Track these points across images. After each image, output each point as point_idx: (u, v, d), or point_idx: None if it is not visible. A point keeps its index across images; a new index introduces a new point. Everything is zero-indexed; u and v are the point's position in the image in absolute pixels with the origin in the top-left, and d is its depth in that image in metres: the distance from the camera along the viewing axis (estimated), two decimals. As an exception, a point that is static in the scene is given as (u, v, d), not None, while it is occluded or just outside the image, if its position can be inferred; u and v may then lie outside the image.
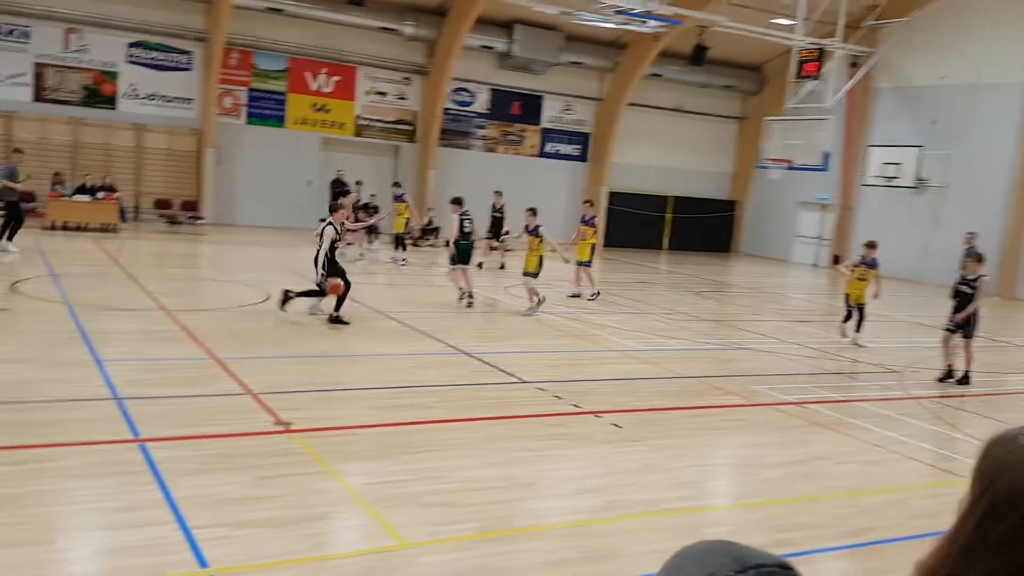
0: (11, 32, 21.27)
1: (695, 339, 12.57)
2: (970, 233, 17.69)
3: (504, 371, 9.30)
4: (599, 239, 17.29)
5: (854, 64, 25.00)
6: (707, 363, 11.00)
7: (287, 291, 11.44)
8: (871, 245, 12.86)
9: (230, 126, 23.88)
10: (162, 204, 22.98)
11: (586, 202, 17.15)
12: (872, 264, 12.69)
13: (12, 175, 15.68)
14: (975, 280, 10.56)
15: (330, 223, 11.61)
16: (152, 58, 22.95)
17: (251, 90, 24.17)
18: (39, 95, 21.84)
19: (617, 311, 14.57)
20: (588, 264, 15.70)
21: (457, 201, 14.26)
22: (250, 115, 24.26)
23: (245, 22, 23.11)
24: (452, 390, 8.43)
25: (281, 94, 24.59)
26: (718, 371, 10.47)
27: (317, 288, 11.37)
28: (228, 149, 23.78)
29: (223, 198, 23.68)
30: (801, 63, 21.43)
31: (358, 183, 21.56)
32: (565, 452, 6.78)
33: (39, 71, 21.77)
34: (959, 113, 23.74)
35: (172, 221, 22.63)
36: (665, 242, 30.21)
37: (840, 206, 27.34)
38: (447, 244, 14.81)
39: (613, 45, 27.46)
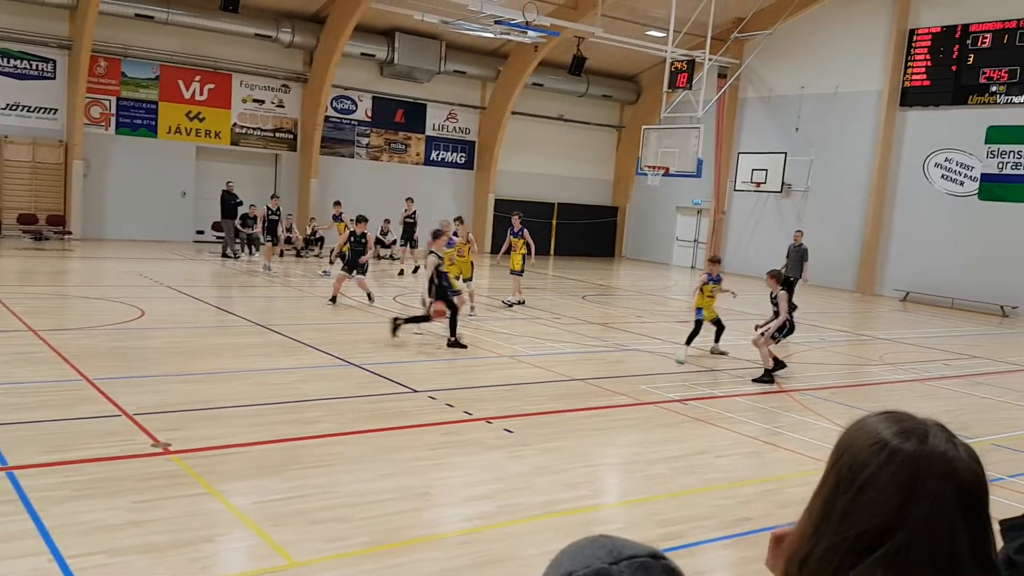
0: None
1: (582, 342, 12.84)
2: (798, 231, 18.79)
3: (394, 381, 9.24)
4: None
5: (723, 75, 26.18)
6: (595, 365, 11.26)
7: (396, 319, 11.47)
8: (715, 260, 12.78)
9: (99, 136, 22.77)
10: (26, 219, 21.67)
11: (514, 214, 17.30)
12: (718, 280, 12.58)
13: None
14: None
15: (432, 251, 11.58)
16: (13, 66, 21.64)
17: (120, 99, 23.13)
18: None
19: (505, 317, 14.72)
20: (520, 273, 16.33)
21: (362, 219, 15.02)
22: (120, 125, 23.21)
23: (112, 29, 22.11)
24: (339, 403, 8.31)
25: (153, 103, 23.62)
26: (606, 372, 10.73)
27: (424, 314, 11.41)
28: (97, 160, 22.66)
29: (92, 212, 22.55)
30: (673, 74, 22.25)
31: (274, 196, 21.03)
32: (457, 460, 6.81)
33: None
34: (820, 121, 25.23)
35: (38, 237, 21.37)
36: (551, 248, 30.71)
37: (714, 210, 28.52)
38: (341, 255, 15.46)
39: (495, 54, 27.76)
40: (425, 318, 11.53)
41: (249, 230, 22.07)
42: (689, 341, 11.98)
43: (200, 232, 24.56)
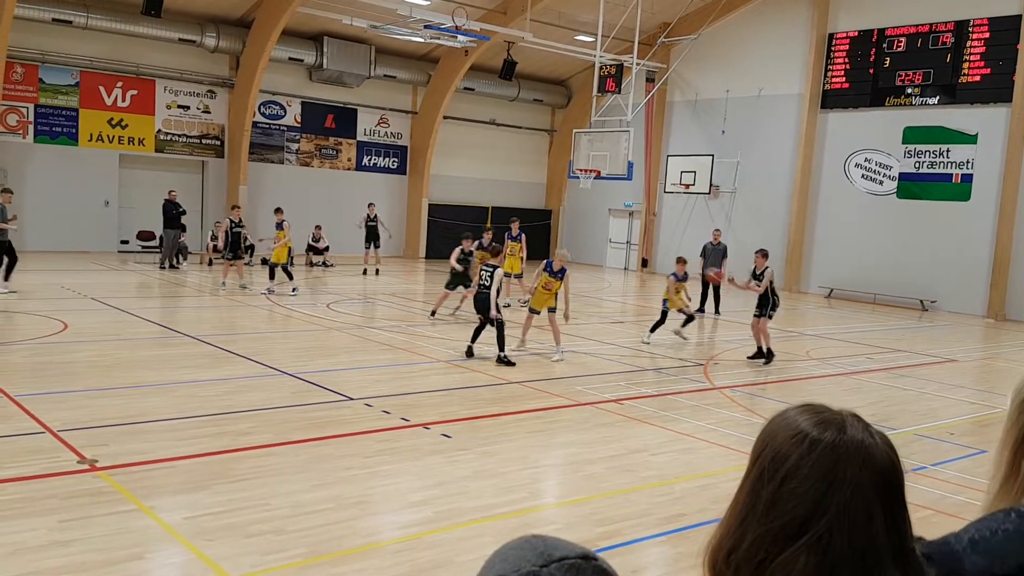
0: None
1: (518, 345, 12.87)
2: (716, 230, 19.62)
3: (328, 389, 9.13)
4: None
5: (651, 79, 26.62)
6: (531, 368, 11.31)
7: (470, 346, 11.65)
8: (681, 260, 14.10)
9: (15, 145, 21.95)
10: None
11: (512, 220, 18.16)
12: (684, 278, 13.93)
13: (3, 214, 15.10)
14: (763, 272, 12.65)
15: (497, 267, 11.72)
16: (-85, 70, 20.63)
17: (38, 106, 22.33)
18: None
19: (440, 322, 14.68)
20: (519, 276, 17.00)
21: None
22: (38, 133, 22.41)
23: (29, 34, 21.34)
24: (272, 413, 8.17)
25: (73, 110, 22.87)
26: (542, 375, 10.80)
27: (498, 328, 11.33)
28: (14, 170, 21.83)
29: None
30: (603, 78, 22.54)
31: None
32: (395, 467, 6.77)
33: None
34: (744, 124, 25.87)
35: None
36: (486, 252, 30.67)
37: (645, 212, 28.97)
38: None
39: (425, 59, 27.70)
40: (500, 332, 11.33)
41: (181, 240, 21.54)
42: (653, 329, 13.51)
43: (125, 242, 23.87)
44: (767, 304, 12.50)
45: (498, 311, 11.43)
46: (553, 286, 11.95)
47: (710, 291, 18.07)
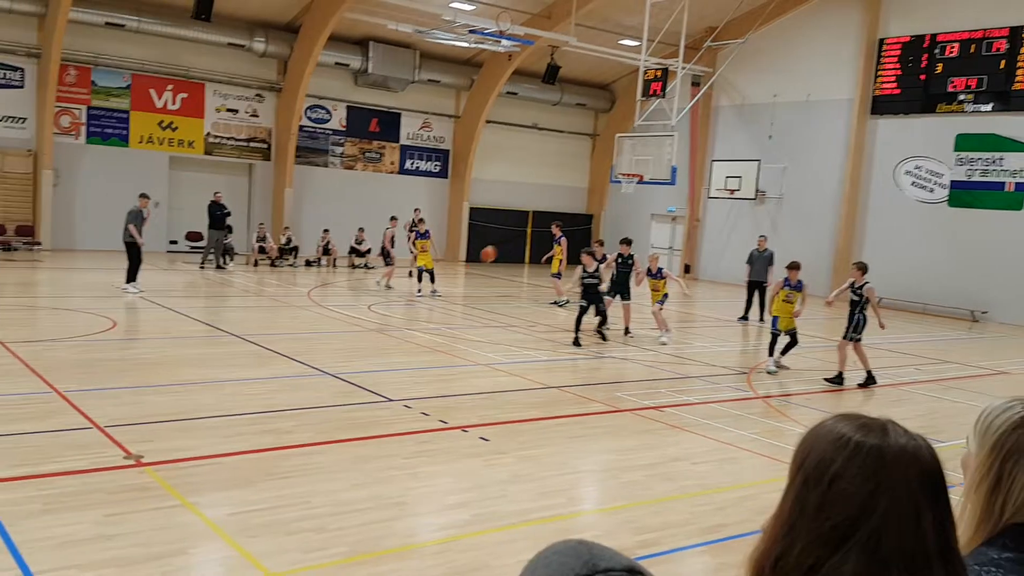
0: None
1: (558, 350, 12.84)
2: (762, 236, 19.14)
3: (369, 390, 9.19)
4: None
5: (696, 83, 26.40)
6: (571, 373, 11.27)
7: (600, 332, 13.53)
8: (793, 267, 12.40)
9: (69, 146, 22.51)
10: (-7, 229, 21.34)
11: (555, 224, 20.10)
12: (798, 287, 12.34)
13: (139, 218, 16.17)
14: (861, 287, 11.48)
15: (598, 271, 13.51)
16: (-22, 74, 21.33)
17: (91, 108, 22.88)
18: None
19: (480, 325, 14.70)
20: (558, 276, 18.59)
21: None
22: (90, 134, 22.96)
23: (83, 37, 21.88)
24: (314, 412, 8.25)
25: (124, 112, 23.39)
26: (582, 380, 10.75)
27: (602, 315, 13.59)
28: (67, 170, 22.39)
29: (62, 222, 22.25)
30: (647, 82, 22.39)
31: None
32: (434, 468, 6.78)
33: None
34: (792, 129, 25.51)
35: (6, 248, 21.05)
36: (526, 256, 30.73)
37: (689, 218, 28.72)
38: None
39: (469, 63, 27.80)
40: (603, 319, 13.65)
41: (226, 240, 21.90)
42: (771, 351, 12.26)
43: (173, 242, 24.32)
44: (856, 325, 11.34)
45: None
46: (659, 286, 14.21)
47: (755, 298, 17.81)
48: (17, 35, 21.45)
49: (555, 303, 18.09)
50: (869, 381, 11.47)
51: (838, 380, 11.45)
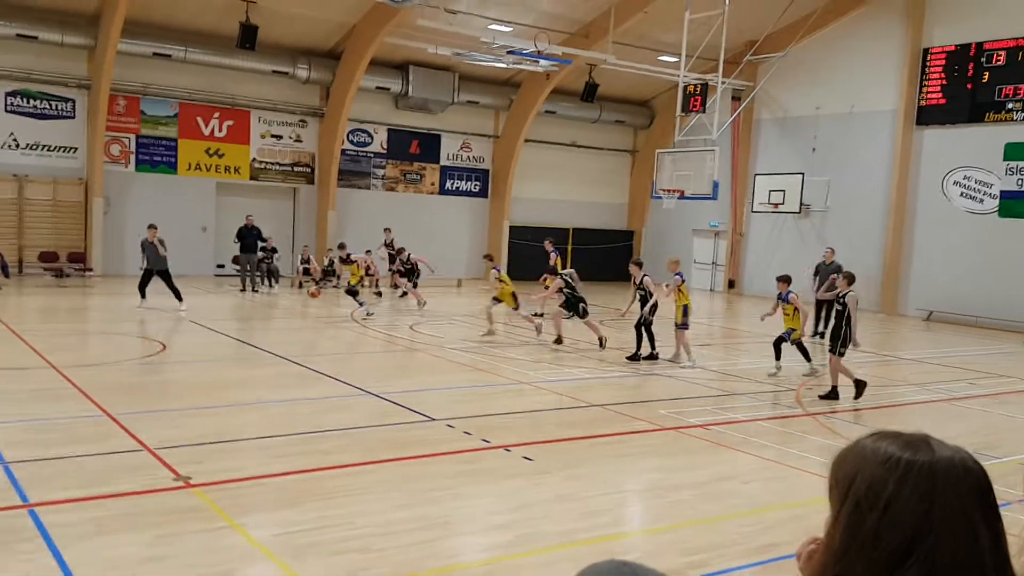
0: None
1: (600, 367, 12.76)
2: (829, 249, 18.73)
3: (410, 409, 9.22)
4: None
5: (736, 97, 26.21)
6: (613, 391, 11.18)
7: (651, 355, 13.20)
8: (782, 280, 12.74)
9: (119, 174, 23.10)
10: (47, 257, 21.95)
11: (547, 239, 20.89)
12: (784, 298, 12.57)
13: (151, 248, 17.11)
14: (844, 297, 11.08)
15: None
16: (33, 107, 22.06)
17: (140, 137, 23.48)
18: (-94, 147, 20.64)
19: (521, 343, 14.68)
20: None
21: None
22: (139, 162, 23.55)
23: (131, 68, 22.49)
24: (357, 432, 8.29)
25: (172, 140, 23.96)
26: (625, 398, 10.65)
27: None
28: (117, 198, 22.97)
29: (112, 248, 22.80)
30: (687, 98, 22.29)
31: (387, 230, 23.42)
32: (477, 489, 6.76)
33: (-94, 122, 20.58)
34: (836, 141, 25.17)
35: (58, 274, 21.62)
36: (568, 274, 30.62)
37: (732, 232, 28.43)
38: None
39: (507, 84, 27.98)
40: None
41: (269, 263, 22.21)
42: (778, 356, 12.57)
43: (220, 266, 24.76)
44: (844, 338, 10.85)
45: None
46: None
47: (823, 313, 17.17)
48: (68, 67, 22.13)
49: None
50: (831, 396, 10.91)
51: (832, 395, 10.95)
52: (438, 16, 20.40)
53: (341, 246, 22.20)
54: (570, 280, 14.46)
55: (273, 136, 25.46)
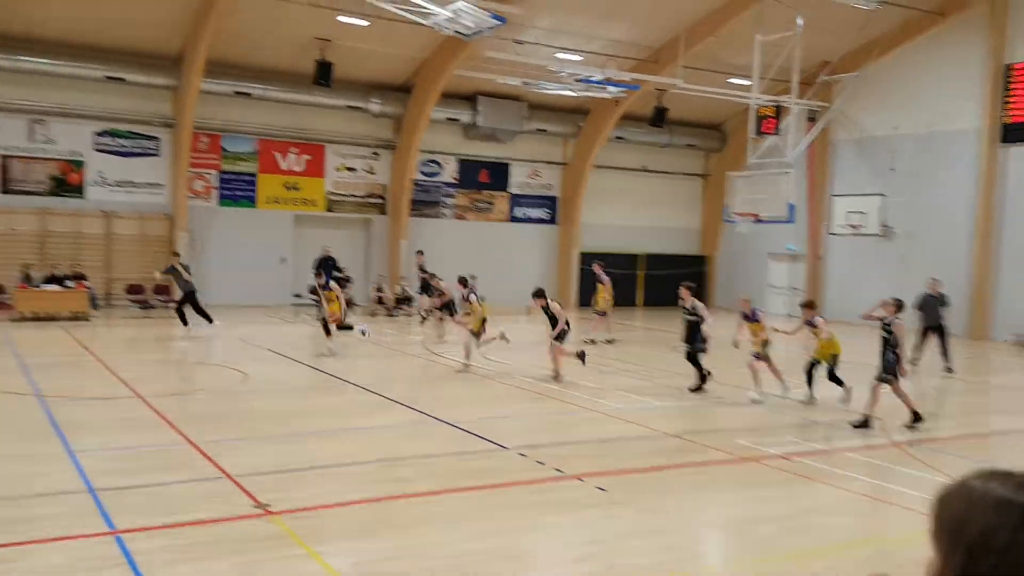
0: (-25, 126, 21.34)
1: (674, 395, 12.53)
2: (934, 279, 17.68)
3: (483, 438, 9.19)
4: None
5: (811, 118, 25.70)
6: (689, 419, 10.95)
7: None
8: (807, 306, 12.35)
9: (201, 209, 23.93)
10: (134, 289, 22.79)
11: (595, 263, 20.23)
12: (811, 323, 12.00)
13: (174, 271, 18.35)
14: (890, 324, 10.50)
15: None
16: (120, 145, 23.06)
17: (222, 172, 24.32)
18: (5, 187, 21.80)
19: (593, 370, 14.54)
20: (602, 314, 18.89)
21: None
22: (221, 197, 24.36)
23: (213, 106, 23.35)
24: (431, 461, 8.29)
25: (251, 175, 24.74)
26: (701, 427, 10.42)
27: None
28: (200, 231, 23.77)
29: (196, 280, 23.51)
30: (759, 120, 21.96)
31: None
32: (551, 519, 6.66)
33: (4, 163, 21.78)
34: (916, 161, 24.40)
35: (145, 306, 22.41)
36: (638, 299, 30.38)
37: (809, 256, 27.76)
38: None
39: (576, 111, 28.06)
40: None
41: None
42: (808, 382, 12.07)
43: (297, 296, 25.34)
44: (888, 364, 10.35)
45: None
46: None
47: (930, 342, 16.17)
48: (153, 107, 23.12)
49: (592, 341, 18.21)
50: (914, 420, 10.37)
51: (864, 424, 10.41)
52: (507, 47, 20.64)
53: (420, 252, 22.42)
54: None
55: (347, 169, 26.08)
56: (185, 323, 17.65)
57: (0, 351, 14.36)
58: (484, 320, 14.45)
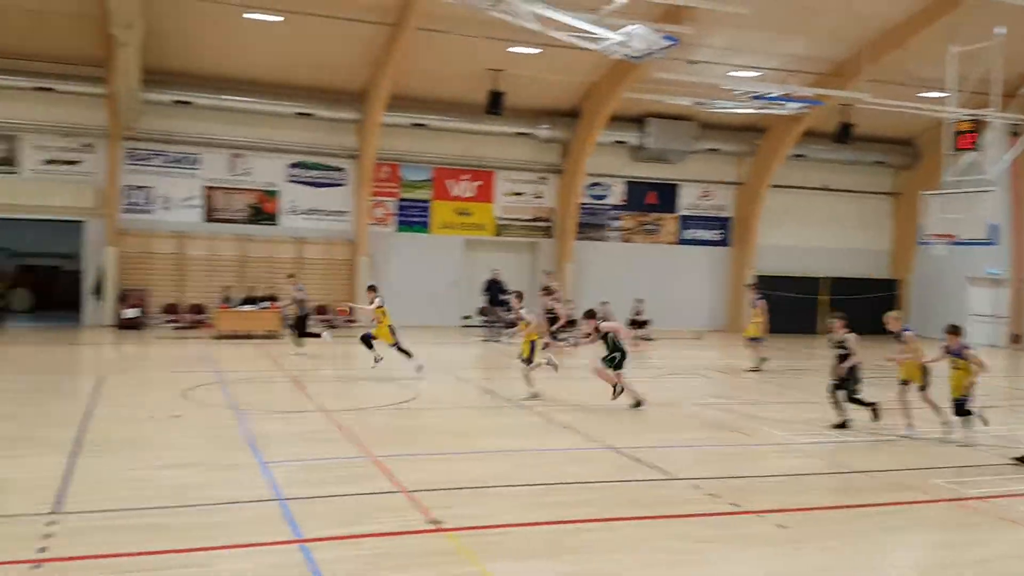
0: (184, 160, 23.57)
1: (861, 429, 11.72)
2: None
3: (653, 466, 8.96)
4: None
5: (1015, 132, 23.56)
6: (878, 455, 10.21)
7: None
8: (952, 331, 10.83)
9: (381, 234, 25.22)
10: (320, 310, 24.23)
11: (749, 285, 19.78)
12: (957, 352, 10.72)
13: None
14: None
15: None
16: (310, 176, 24.78)
17: (400, 200, 25.59)
18: (209, 215, 23.91)
19: (772, 400, 13.89)
20: (756, 340, 17.78)
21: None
22: (399, 223, 25.62)
23: (393, 138, 24.63)
24: (600, 487, 8.17)
25: (426, 202, 25.86)
26: (891, 464, 9.68)
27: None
28: (379, 256, 25.04)
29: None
30: (956, 135, 20.36)
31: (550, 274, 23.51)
32: (726, 555, 6.37)
33: (208, 194, 23.89)
34: None
35: (329, 326, 23.75)
36: (820, 326, 28.87)
37: (1015, 280, 25.37)
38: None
39: (750, 129, 27.26)
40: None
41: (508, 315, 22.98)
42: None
43: (466, 317, 26.03)
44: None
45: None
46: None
47: None
48: (339, 140, 24.70)
49: (755, 369, 17.34)
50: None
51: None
52: (678, 67, 20.36)
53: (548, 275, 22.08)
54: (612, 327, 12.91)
55: (515, 193, 26.69)
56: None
57: (201, 366, 15.63)
58: (534, 343, 13.45)
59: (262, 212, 24.49)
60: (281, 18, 20.44)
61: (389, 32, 21.51)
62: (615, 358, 12.42)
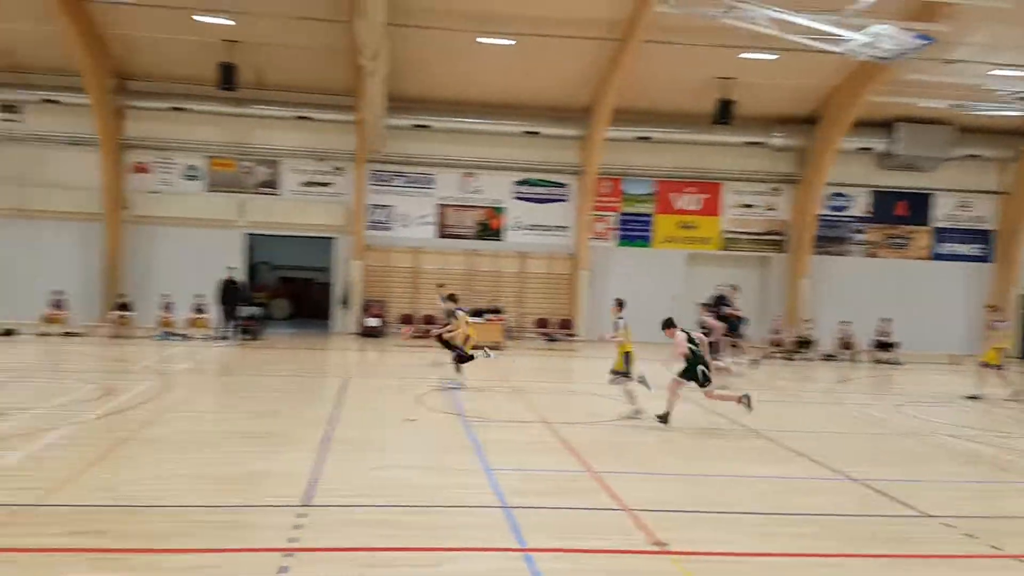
0: (420, 180, 25.05)
1: None
2: None
3: (898, 501, 8.19)
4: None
5: None
6: None
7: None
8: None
9: (601, 249, 25.32)
10: (541, 323, 24.76)
11: (987, 305, 18.13)
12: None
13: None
14: None
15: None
16: (534, 193, 25.43)
17: (621, 214, 25.55)
18: (441, 231, 25.22)
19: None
20: (993, 367, 16.00)
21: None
22: (620, 237, 25.57)
23: (615, 152, 24.68)
24: (833, 520, 7.59)
25: (648, 216, 25.61)
26: None
27: None
28: (599, 270, 25.13)
29: (595, 316, 24.86)
30: None
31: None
32: (989, 605, 5.67)
33: (441, 211, 25.22)
34: None
35: (550, 338, 24.20)
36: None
37: None
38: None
39: (1017, 134, 24.53)
40: None
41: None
42: None
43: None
44: None
45: None
46: None
47: None
48: (563, 156, 25.16)
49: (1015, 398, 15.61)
50: None
51: None
52: (931, 67, 18.75)
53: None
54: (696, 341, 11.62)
55: (744, 206, 25.72)
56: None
57: (429, 376, 16.42)
58: (627, 353, 12.67)
59: (488, 228, 25.46)
60: (513, 42, 21.19)
61: (615, 47, 21.62)
62: (696, 372, 11.65)
